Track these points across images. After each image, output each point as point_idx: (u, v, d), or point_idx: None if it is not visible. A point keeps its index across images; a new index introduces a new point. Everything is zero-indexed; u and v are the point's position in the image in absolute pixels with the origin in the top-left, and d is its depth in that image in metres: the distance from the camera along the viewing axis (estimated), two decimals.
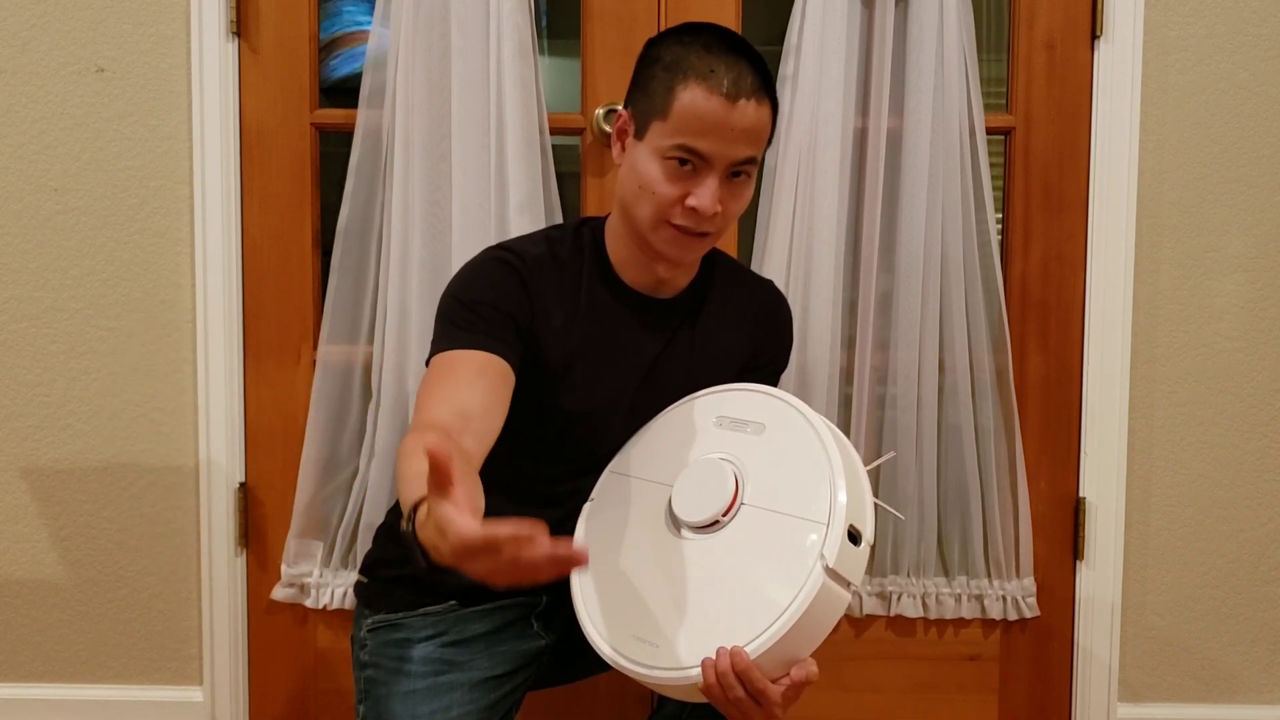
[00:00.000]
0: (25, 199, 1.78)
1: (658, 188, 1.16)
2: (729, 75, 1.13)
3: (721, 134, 1.14)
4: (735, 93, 1.13)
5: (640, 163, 1.18)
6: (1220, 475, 1.83)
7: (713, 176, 1.15)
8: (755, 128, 1.16)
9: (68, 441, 1.82)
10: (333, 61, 1.90)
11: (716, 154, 1.14)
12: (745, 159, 1.16)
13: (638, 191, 1.19)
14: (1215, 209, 1.79)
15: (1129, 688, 1.86)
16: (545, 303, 1.23)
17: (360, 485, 1.77)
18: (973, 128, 1.73)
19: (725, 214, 1.18)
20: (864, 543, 1.06)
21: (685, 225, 1.17)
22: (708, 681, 1.02)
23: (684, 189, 1.16)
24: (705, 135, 1.14)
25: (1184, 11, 1.77)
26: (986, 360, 1.78)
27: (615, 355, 1.26)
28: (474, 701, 1.27)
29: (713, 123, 1.13)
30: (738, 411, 1.21)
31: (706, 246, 1.24)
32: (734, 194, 1.19)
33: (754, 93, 1.14)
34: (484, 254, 1.26)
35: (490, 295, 1.20)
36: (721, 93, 1.13)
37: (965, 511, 1.80)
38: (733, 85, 1.13)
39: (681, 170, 1.16)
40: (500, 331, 1.18)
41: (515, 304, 1.20)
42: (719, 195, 1.16)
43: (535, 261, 1.23)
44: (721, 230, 1.21)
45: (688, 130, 1.14)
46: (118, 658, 1.85)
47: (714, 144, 1.14)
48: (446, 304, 1.22)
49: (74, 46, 1.76)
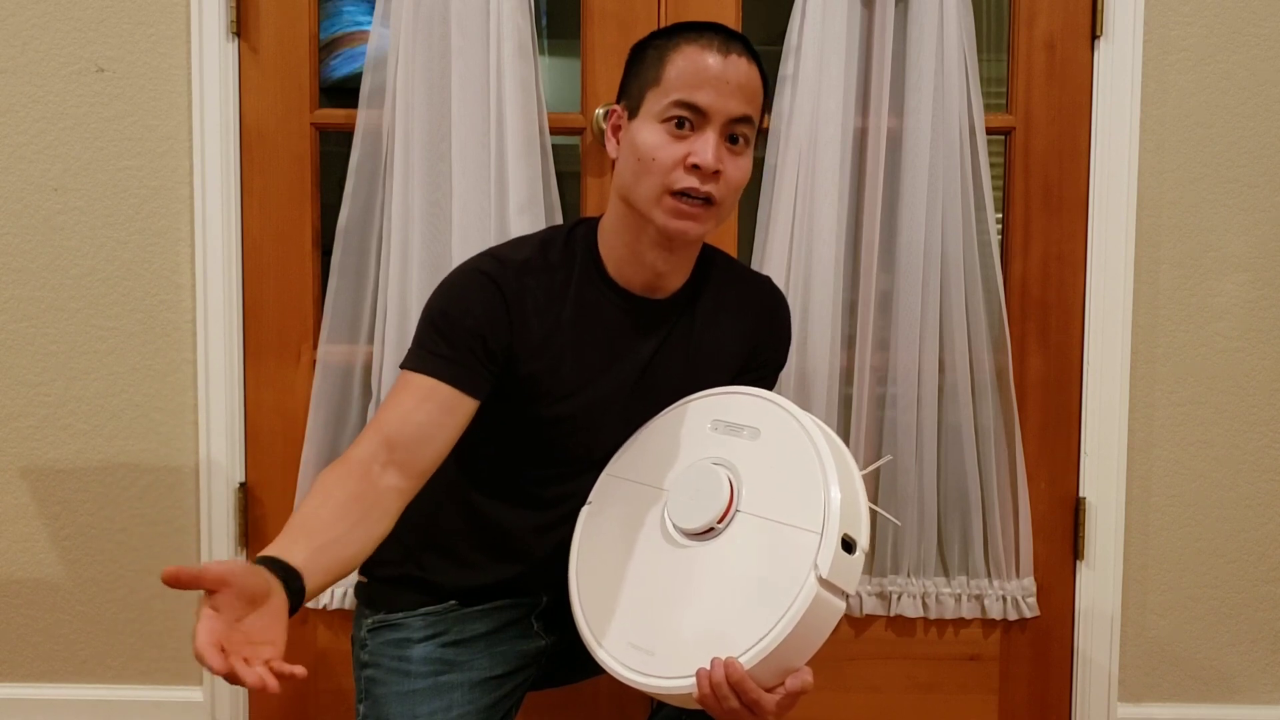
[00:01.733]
0: (25, 199, 1.78)
1: (658, 152, 1.16)
2: (719, 37, 1.18)
3: (717, 86, 1.15)
4: (726, 49, 1.17)
5: (638, 136, 1.19)
6: (1220, 475, 1.83)
7: (711, 130, 1.16)
8: (748, 84, 1.17)
9: (68, 441, 1.82)
10: (333, 61, 1.90)
11: (714, 106, 1.15)
12: (741, 116, 1.17)
13: (637, 167, 1.18)
14: (1215, 209, 1.79)
15: (1129, 688, 1.86)
16: (525, 312, 1.21)
17: None
18: (973, 128, 1.73)
19: (727, 180, 1.17)
20: (859, 551, 1.05)
21: (689, 187, 1.16)
22: (702, 692, 1.02)
23: (685, 149, 1.16)
24: (701, 87, 1.15)
25: (1184, 11, 1.77)
26: (986, 360, 1.78)
27: (606, 358, 1.26)
28: (474, 701, 1.27)
29: (708, 75, 1.15)
30: (733, 415, 1.20)
31: (711, 221, 1.21)
32: (733, 159, 1.18)
33: (745, 53, 1.18)
34: (468, 265, 1.25)
35: (465, 318, 1.19)
36: (714, 48, 1.16)
37: (965, 511, 1.80)
38: (723, 44, 1.17)
39: (680, 131, 1.16)
40: (466, 357, 1.18)
41: (490, 323, 1.19)
42: (719, 152, 1.16)
43: (520, 269, 1.22)
44: (723, 203, 1.19)
45: (683, 85, 1.16)
46: (118, 658, 1.85)
47: (710, 95, 1.15)
48: (423, 321, 1.22)
49: (74, 46, 1.76)
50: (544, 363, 1.23)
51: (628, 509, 1.22)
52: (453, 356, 1.17)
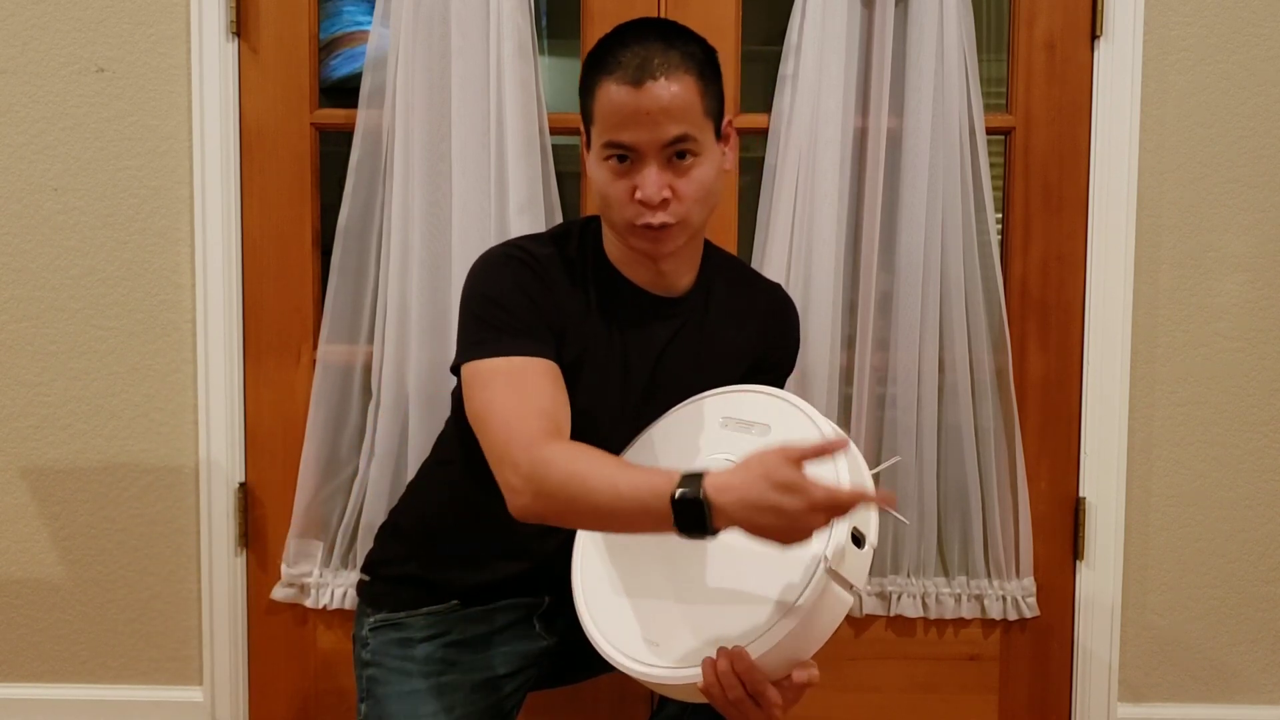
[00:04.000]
0: (25, 199, 1.78)
1: (608, 190, 1.17)
2: (633, 62, 1.14)
3: (638, 120, 1.14)
4: (640, 77, 1.13)
5: (592, 172, 1.20)
6: (1220, 475, 1.83)
7: (649, 164, 1.15)
8: (672, 105, 1.14)
9: (68, 441, 1.82)
10: (333, 61, 1.90)
11: (641, 141, 1.14)
12: (675, 138, 1.15)
13: (600, 201, 1.20)
14: (1215, 209, 1.79)
15: (1129, 687, 1.86)
16: (559, 299, 1.22)
17: (360, 485, 1.77)
18: (973, 128, 1.74)
19: (682, 197, 1.16)
20: (868, 545, 1.06)
21: (645, 221, 1.16)
22: (707, 681, 1.02)
23: (630, 184, 1.16)
24: (624, 127, 1.14)
25: (1184, 11, 1.77)
26: (986, 360, 1.78)
27: (621, 353, 1.26)
28: (475, 702, 1.27)
29: (627, 113, 1.14)
30: (743, 413, 1.21)
31: (682, 236, 1.20)
32: (683, 176, 1.16)
33: (663, 70, 1.14)
34: (499, 251, 1.24)
35: (518, 294, 1.19)
36: (627, 80, 1.13)
37: (965, 511, 1.80)
38: (637, 70, 1.13)
39: (621, 167, 1.16)
40: (538, 331, 1.18)
41: (540, 299, 1.20)
42: (662, 181, 1.15)
43: (546, 260, 1.23)
44: (691, 217, 1.18)
45: (609, 126, 1.15)
46: (118, 658, 1.85)
47: (634, 132, 1.14)
48: (477, 308, 1.20)
49: (74, 46, 1.76)
50: (575, 351, 1.23)
51: None
52: (532, 333, 1.17)
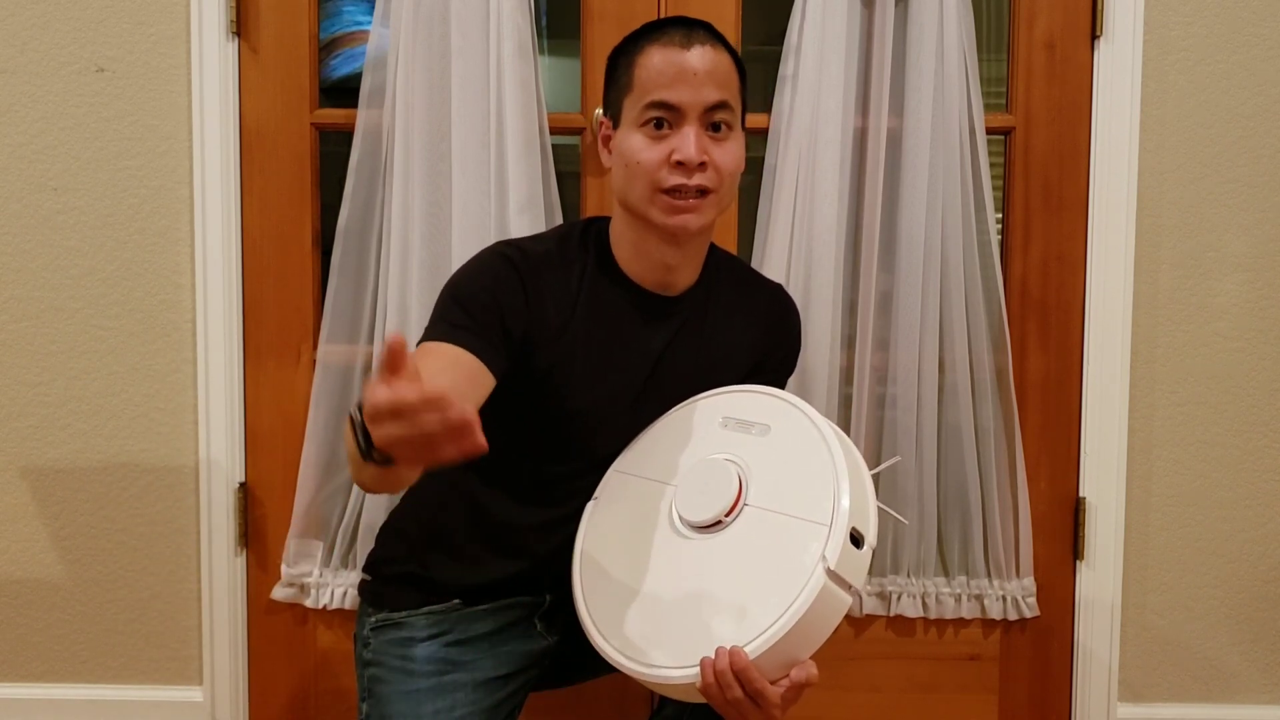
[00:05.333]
0: (25, 199, 1.78)
1: (642, 155, 1.18)
2: (679, 31, 1.19)
3: (685, 79, 1.17)
4: (688, 41, 1.18)
5: (623, 144, 1.21)
6: (1220, 475, 1.83)
7: (689, 125, 1.17)
8: (717, 69, 1.18)
9: (68, 441, 1.82)
10: (333, 61, 1.90)
11: (686, 100, 1.17)
12: (717, 103, 1.18)
13: (627, 174, 1.20)
14: (1215, 209, 1.79)
15: (1129, 687, 1.86)
16: (543, 302, 1.22)
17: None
18: (973, 128, 1.74)
19: (716, 168, 1.19)
20: (866, 546, 1.06)
21: (678, 184, 1.18)
22: (706, 681, 1.02)
23: (667, 148, 1.18)
24: (670, 85, 1.17)
25: (1184, 11, 1.77)
26: (986, 360, 1.78)
27: (618, 352, 1.26)
28: (477, 702, 1.27)
29: (674, 72, 1.17)
30: (743, 413, 1.21)
31: (710, 211, 1.22)
32: (719, 147, 1.19)
33: (708, 40, 1.19)
34: (491, 248, 1.26)
35: (485, 295, 1.19)
36: (675, 43, 1.18)
37: (965, 511, 1.80)
38: (684, 37, 1.18)
39: (659, 132, 1.18)
40: (487, 332, 1.17)
41: (510, 304, 1.20)
42: (701, 144, 1.17)
43: (539, 259, 1.23)
44: (720, 192, 1.21)
45: (654, 86, 1.17)
46: (118, 658, 1.85)
47: (681, 91, 1.17)
48: (443, 297, 1.22)
49: (74, 46, 1.76)
50: (558, 356, 1.23)
51: (634, 504, 1.22)
52: (475, 329, 1.17)
